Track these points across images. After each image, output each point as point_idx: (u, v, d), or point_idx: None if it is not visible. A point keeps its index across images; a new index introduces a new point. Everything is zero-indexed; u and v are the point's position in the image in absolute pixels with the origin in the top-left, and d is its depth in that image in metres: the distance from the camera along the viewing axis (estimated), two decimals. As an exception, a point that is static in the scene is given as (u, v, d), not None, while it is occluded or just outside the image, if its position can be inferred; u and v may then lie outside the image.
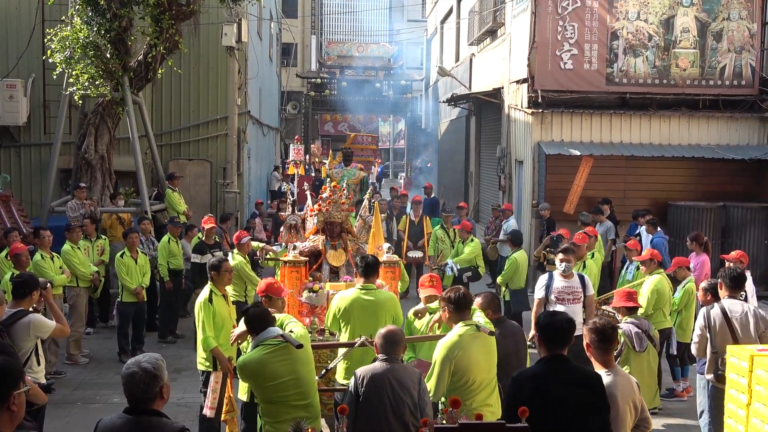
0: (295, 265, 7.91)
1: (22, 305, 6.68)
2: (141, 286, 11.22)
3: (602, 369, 4.89)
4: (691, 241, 11.28)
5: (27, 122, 17.21)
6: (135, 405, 3.98)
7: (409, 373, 5.27)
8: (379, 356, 5.28)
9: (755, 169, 15.73)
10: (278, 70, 29.84)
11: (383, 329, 5.43)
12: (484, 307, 6.24)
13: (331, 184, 8.86)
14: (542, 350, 4.72)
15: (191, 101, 18.35)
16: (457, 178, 26.48)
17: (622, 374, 4.97)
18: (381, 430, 5.11)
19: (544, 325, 4.72)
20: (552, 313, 4.94)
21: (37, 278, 7.27)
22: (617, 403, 4.77)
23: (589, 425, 4.49)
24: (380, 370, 5.18)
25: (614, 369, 4.94)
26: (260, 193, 23.05)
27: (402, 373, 5.19)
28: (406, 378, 5.16)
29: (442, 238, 14.00)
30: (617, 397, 4.77)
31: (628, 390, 4.87)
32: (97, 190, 14.30)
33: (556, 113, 16.04)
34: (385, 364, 5.20)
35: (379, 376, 5.14)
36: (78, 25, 13.43)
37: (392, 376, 5.13)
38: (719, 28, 15.91)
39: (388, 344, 5.25)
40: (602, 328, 4.91)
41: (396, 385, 5.11)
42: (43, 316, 6.75)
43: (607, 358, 4.93)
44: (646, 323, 6.54)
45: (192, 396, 8.87)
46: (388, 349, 5.24)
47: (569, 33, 15.74)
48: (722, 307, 7.05)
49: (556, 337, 4.67)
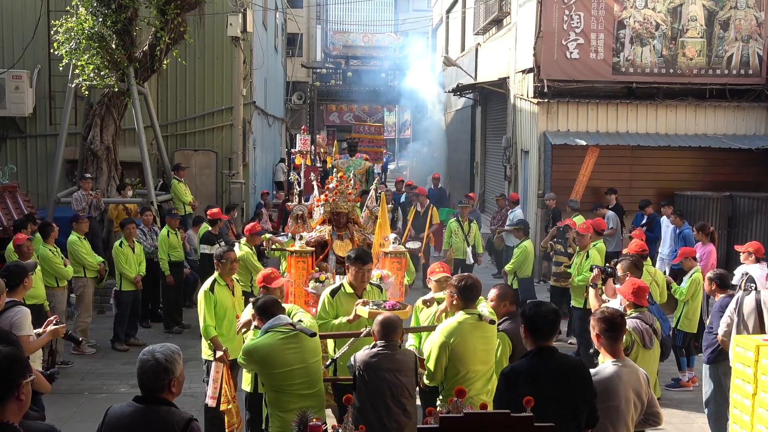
0: (301, 255, 7.91)
1: (14, 296, 6.69)
2: (139, 274, 11.39)
3: (610, 358, 4.83)
4: (697, 231, 11.28)
5: (33, 113, 17.23)
6: (145, 393, 4.00)
7: (407, 356, 5.46)
8: (378, 342, 5.38)
9: (762, 159, 15.68)
10: (283, 61, 29.79)
11: (380, 316, 5.51)
12: (501, 297, 6.21)
13: (337, 175, 8.85)
14: (529, 342, 4.69)
15: (196, 92, 18.34)
16: (463, 168, 26.45)
17: (630, 365, 4.89)
18: (380, 412, 5.22)
19: (529, 316, 4.67)
20: (537, 303, 4.88)
21: (24, 266, 7.29)
22: (619, 393, 4.71)
23: (579, 414, 4.50)
24: (377, 356, 5.30)
25: (622, 359, 4.87)
26: (266, 183, 23.05)
27: (399, 357, 5.35)
28: (403, 361, 5.35)
29: (456, 231, 13.86)
30: (619, 388, 4.72)
31: (633, 381, 4.79)
32: (103, 181, 14.32)
33: (562, 103, 16.00)
34: (382, 349, 5.32)
35: (377, 361, 5.28)
36: (83, 16, 13.42)
37: (390, 359, 5.28)
38: (726, 17, 15.83)
39: (385, 330, 5.37)
40: (611, 316, 4.85)
41: (393, 368, 5.26)
42: (27, 320, 6.54)
43: (617, 347, 4.86)
44: (650, 316, 6.32)
45: (198, 386, 8.89)
46: (385, 335, 5.36)
47: (575, 22, 15.67)
48: (758, 297, 7.03)
49: (543, 329, 4.64)
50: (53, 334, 6.36)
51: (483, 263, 16.31)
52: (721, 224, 14.88)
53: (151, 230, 12.54)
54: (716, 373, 7.45)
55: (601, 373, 4.79)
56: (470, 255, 13.70)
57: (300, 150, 25.62)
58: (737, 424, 6.57)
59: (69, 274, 10.37)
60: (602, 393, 4.66)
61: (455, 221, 13.99)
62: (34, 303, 8.34)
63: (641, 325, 6.15)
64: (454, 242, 13.80)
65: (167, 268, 12.08)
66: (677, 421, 8.53)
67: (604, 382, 4.72)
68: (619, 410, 4.72)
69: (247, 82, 18.38)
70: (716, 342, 7.39)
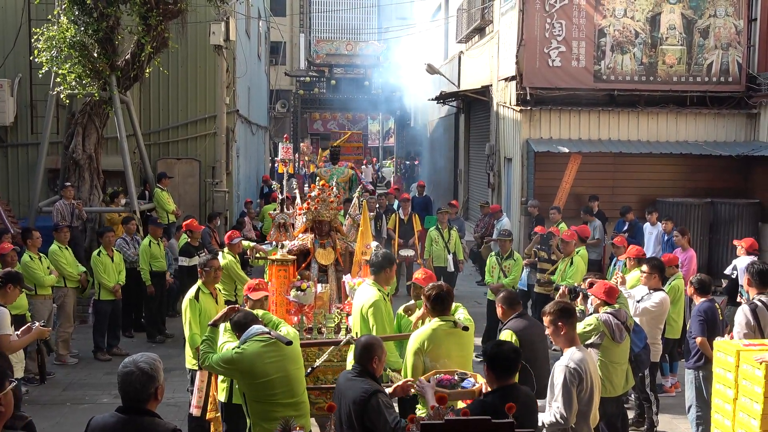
0: (283, 263, 7.89)
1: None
2: (118, 283, 11.33)
3: (570, 347, 5.11)
4: (682, 236, 11.34)
5: (14, 122, 17.11)
6: (129, 404, 3.97)
7: (358, 390, 4.87)
8: (355, 366, 5.15)
9: (742, 166, 15.82)
10: (267, 69, 29.79)
11: (358, 338, 5.43)
12: (509, 304, 6.46)
13: (319, 183, 8.85)
14: (492, 381, 4.78)
15: (179, 100, 18.29)
16: (447, 175, 26.51)
17: (588, 351, 5.29)
18: None
19: (491, 356, 4.77)
20: (498, 343, 5.02)
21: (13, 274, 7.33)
22: (590, 375, 5.00)
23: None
24: (341, 378, 5.17)
25: (580, 346, 5.18)
26: (249, 192, 23.00)
27: (351, 386, 4.95)
28: (352, 394, 4.89)
29: (436, 239, 13.77)
30: (590, 371, 5.00)
31: (595, 365, 5.22)
32: (85, 190, 14.22)
33: (544, 110, 16.09)
34: (348, 372, 5.16)
35: (339, 383, 5.15)
36: (65, 25, 13.35)
37: (345, 386, 5.01)
38: (706, 25, 15.99)
39: (357, 351, 5.14)
40: (564, 306, 5.21)
41: (342, 395, 4.98)
42: (6, 320, 6.63)
43: (574, 335, 5.16)
44: (623, 313, 6.78)
45: (181, 395, 8.86)
46: (358, 357, 5.12)
47: (557, 30, 15.78)
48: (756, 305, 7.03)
49: (504, 367, 4.73)
50: (39, 335, 6.38)
51: (467, 271, 16.34)
52: (703, 230, 14.99)
53: (133, 239, 12.47)
54: (698, 378, 7.50)
55: (573, 359, 5.04)
56: (451, 263, 13.66)
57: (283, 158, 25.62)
58: (719, 428, 6.60)
59: (47, 282, 10.26)
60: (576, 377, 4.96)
61: (435, 229, 13.94)
62: (16, 313, 8.28)
63: (612, 320, 6.64)
64: (435, 250, 13.73)
65: (148, 278, 12.00)
66: (661, 426, 8.57)
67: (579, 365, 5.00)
68: (594, 391, 5.02)
69: (230, 91, 18.34)
70: (697, 347, 7.45)
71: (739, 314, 7.06)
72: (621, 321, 6.66)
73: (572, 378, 4.96)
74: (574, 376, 4.96)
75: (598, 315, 6.78)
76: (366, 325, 6.52)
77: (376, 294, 6.56)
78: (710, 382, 6.97)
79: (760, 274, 7.17)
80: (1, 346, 6.56)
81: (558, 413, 4.97)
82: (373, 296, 6.55)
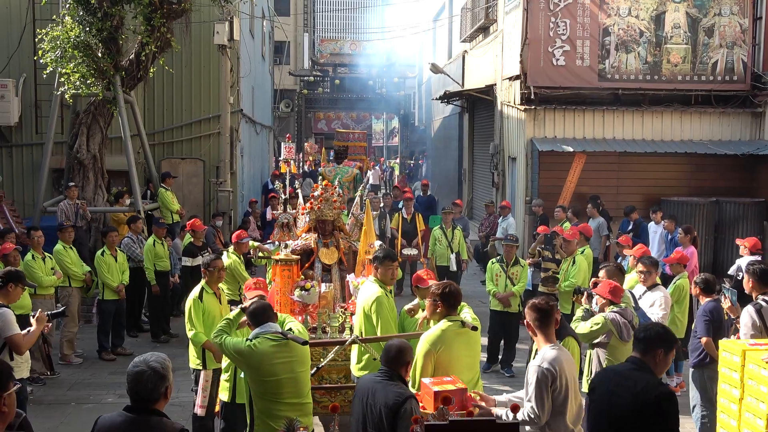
0: (286, 263, 7.89)
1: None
2: (122, 283, 11.31)
3: (546, 344, 5.13)
4: (685, 234, 11.31)
5: (18, 122, 17.15)
6: (138, 404, 3.94)
7: (391, 394, 4.89)
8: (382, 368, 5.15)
9: (747, 165, 15.77)
10: (271, 69, 29.79)
11: (390, 342, 5.32)
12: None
13: (323, 183, 8.85)
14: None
15: (183, 100, 18.31)
16: (451, 175, 26.49)
17: (563, 349, 5.28)
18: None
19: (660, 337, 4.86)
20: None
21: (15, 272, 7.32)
22: (565, 373, 5.01)
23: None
24: (368, 380, 5.14)
25: (556, 344, 5.20)
26: (253, 191, 23.02)
27: (382, 389, 4.94)
28: (383, 397, 4.89)
29: (440, 239, 13.77)
30: (565, 369, 5.01)
31: (571, 363, 5.18)
32: (90, 190, 14.24)
33: (548, 110, 16.07)
34: (376, 375, 5.12)
35: (364, 385, 5.11)
36: (69, 25, 13.37)
37: (374, 388, 4.99)
38: (710, 24, 15.95)
39: (391, 354, 5.12)
40: (541, 305, 5.19)
41: (370, 397, 4.96)
42: (12, 320, 6.63)
43: (550, 332, 5.19)
44: (629, 312, 6.79)
45: (186, 395, 8.85)
46: (390, 361, 5.10)
47: (561, 29, 15.76)
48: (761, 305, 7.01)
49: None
50: (39, 323, 6.42)
51: (471, 270, 16.31)
52: (708, 230, 14.95)
53: (139, 239, 12.48)
54: (703, 377, 7.47)
55: (545, 358, 5.04)
56: (453, 262, 13.62)
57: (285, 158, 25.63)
58: (724, 428, 6.59)
59: (45, 282, 10.25)
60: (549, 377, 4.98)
61: (439, 229, 13.93)
62: (20, 313, 8.28)
63: (619, 319, 6.71)
64: (438, 249, 13.72)
65: (153, 278, 12.00)
66: (665, 426, 8.54)
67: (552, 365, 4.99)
68: (570, 388, 5.02)
69: (234, 90, 18.36)
70: (701, 346, 7.43)
71: (744, 315, 7.03)
72: (627, 320, 6.67)
73: (544, 378, 4.96)
74: (546, 376, 4.96)
75: (605, 314, 6.78)
76: (369, 322, 6.53)
77: (378, 290, 6.59)
78: (715, 382, 6.95)
79: (761, 274, 7.15)
80: (16, 345, 6.55)
81: (532, 413, 4.97)
82: (375, 293, 6.59)
